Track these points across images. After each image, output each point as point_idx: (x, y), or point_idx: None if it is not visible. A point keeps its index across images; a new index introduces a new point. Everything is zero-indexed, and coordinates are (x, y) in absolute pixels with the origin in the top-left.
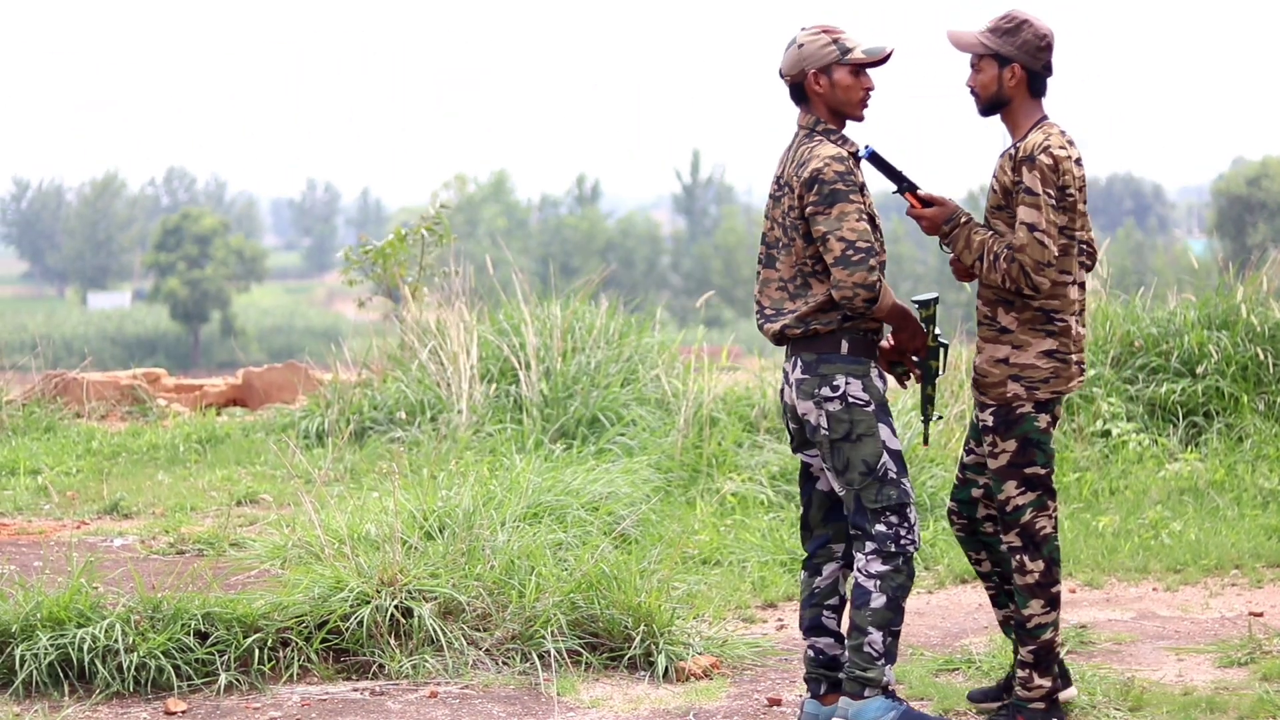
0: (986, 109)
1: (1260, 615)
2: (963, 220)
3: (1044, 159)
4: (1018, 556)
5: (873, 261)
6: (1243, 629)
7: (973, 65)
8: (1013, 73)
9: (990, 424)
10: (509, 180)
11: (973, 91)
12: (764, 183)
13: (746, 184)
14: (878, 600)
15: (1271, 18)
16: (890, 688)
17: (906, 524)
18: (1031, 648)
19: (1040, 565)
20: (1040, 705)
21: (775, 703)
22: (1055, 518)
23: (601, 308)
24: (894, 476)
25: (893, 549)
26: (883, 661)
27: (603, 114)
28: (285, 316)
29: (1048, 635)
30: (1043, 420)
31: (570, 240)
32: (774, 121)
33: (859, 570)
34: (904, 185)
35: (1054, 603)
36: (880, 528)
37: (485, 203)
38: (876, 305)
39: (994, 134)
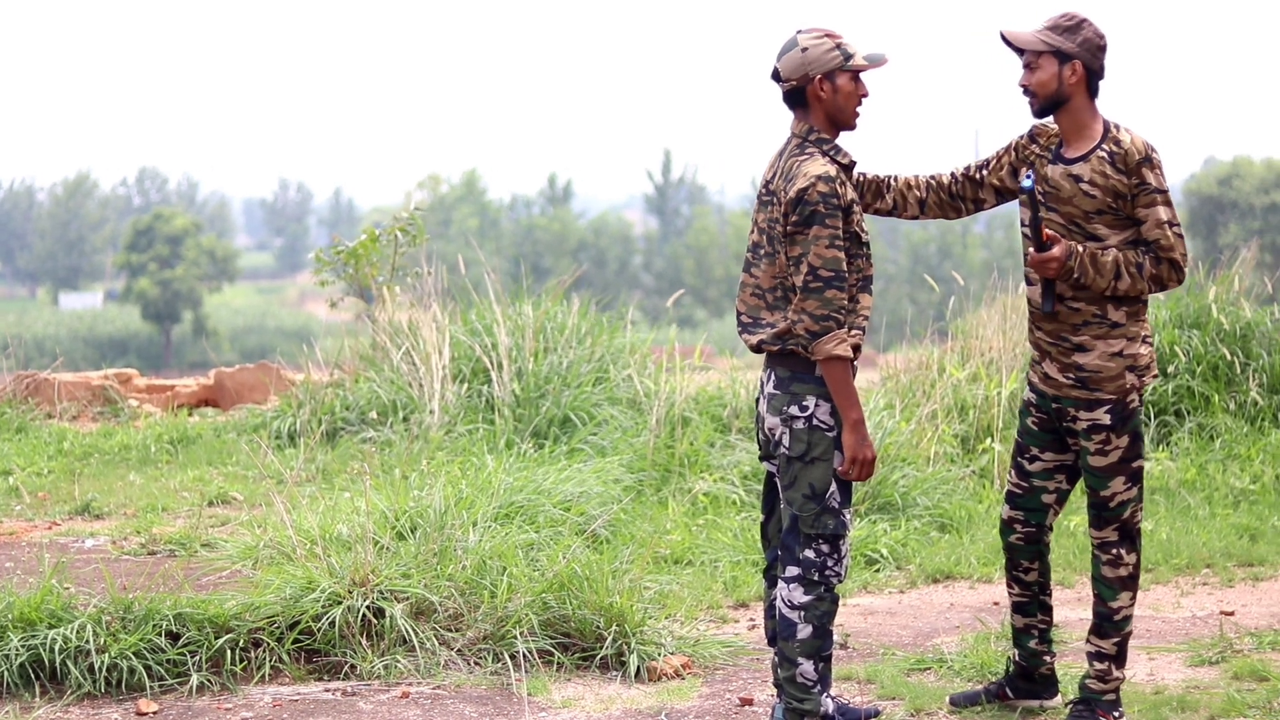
0: (1044, 108)
1: (1231, 614)
2: (1080, 250)
3: (1157, 157)
4: (1113, 550)
5: (829, 294)
6: (1214, 628)
7: (1028, 65)
8: (1073, 70)
9: (1106, 422)
10: (481, 180)
11: (1027, 91)
12: (736, 183)
13: (719, 184)
14: (804, 631)
15: (1242, 19)
16: (828, 714)
17: (836, 555)
18: (1115, 639)
19: (1134, 558)
20: (1113, 697)
21: (747, 702)
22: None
23: (573, 308)
24: (836, 506)
25: (816, 578)
26: (818, 689)
27: (575, 114)
28: (257, 317)
29: (1130, 628)
30: (1141, 411)
31: (542, 240)
32: (746, 122)
33: (783, 599)
34: (1040, 216)
35: (1136, 594)
36: (809, 553)
37: (458, 203)
38: (815, 342)
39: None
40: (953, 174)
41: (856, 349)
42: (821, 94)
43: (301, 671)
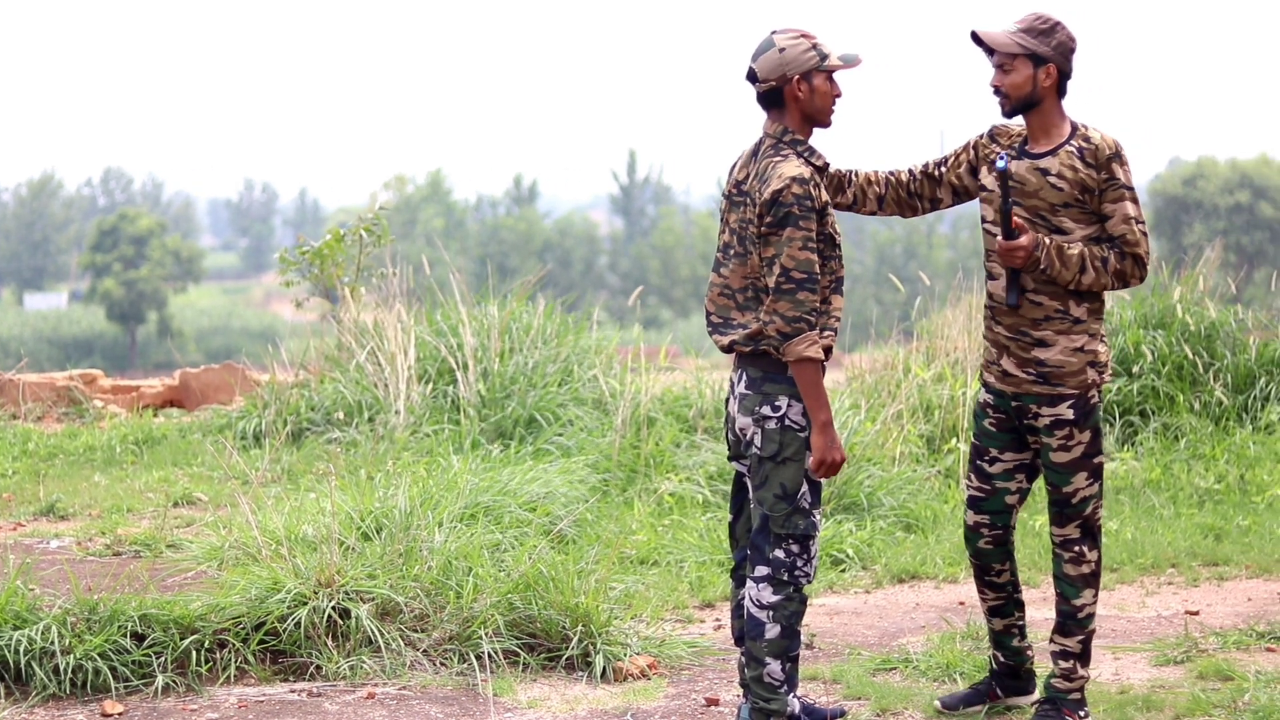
0: (1015, 109)
1: (1196, 614)
2: (1047, 242)
3: (1125, 154)
4: (1076, 548)
5: (801, 295)
6: (1179, 628)
7: (1001, 66)
8: (1048, 73)
9: (1069, 416)
10: (447, 180)
11: (999, 92)
12: (702, 183)
13: (684, 184)
14: (772, 630)
15: (1206, 20)
16: (795, 715)
17: (806, 555)
18: (1080, 638)
19: (1096, 555)
20: (1078, 695)
21: (713, 703)
22: None
23: (539, 308)
24: (807, 507)
25: (785, 578)
26: (785, 689)
27: (540, 114)
28: (222, 317)
29: (1093, 625)
30: (1100, 407)
31: (507, 240)
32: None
33: (751, 599)
34: (1011, 204)
35: (1099, 592)
36: (779, 553)
37: (423, 203)
38: (786, 344)
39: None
40: (911, 171)
41: (828, 350)
42: (799, 94)
43: (267, 672)
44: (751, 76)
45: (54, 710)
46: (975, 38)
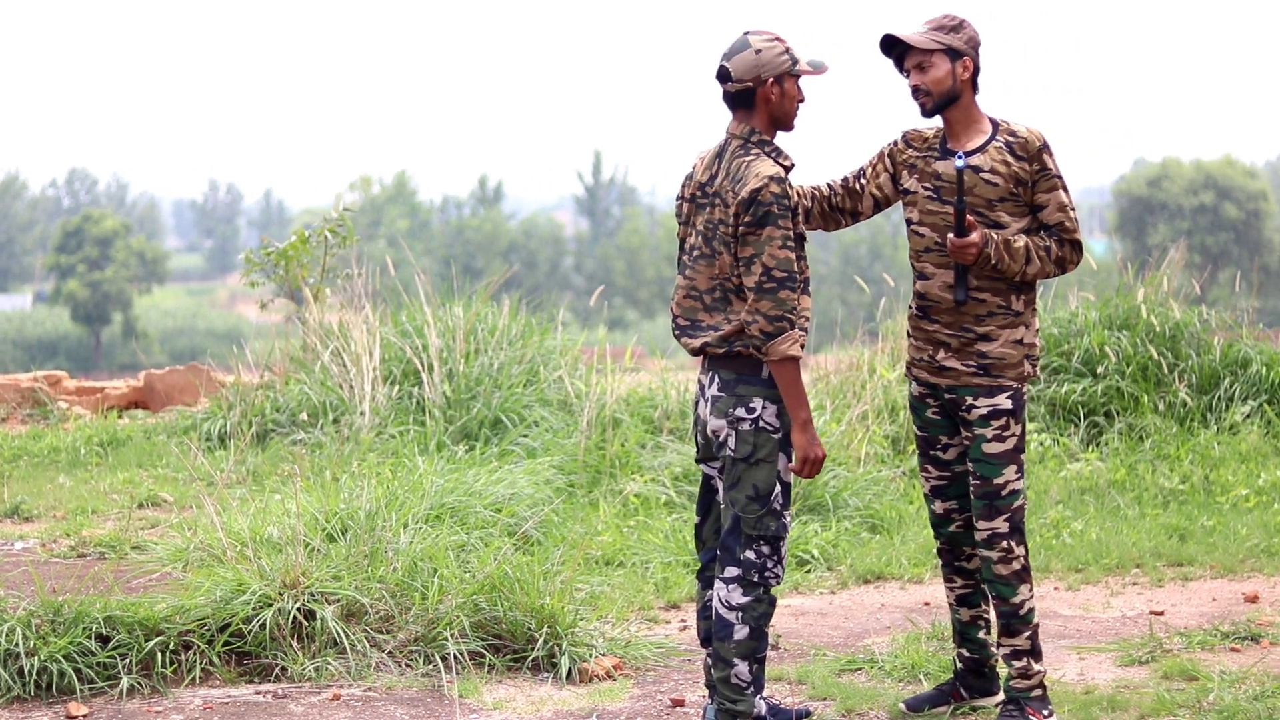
0: (937, 107)
1: (1161, 614)
2: (995, 237)
3: (1050, 144)
4: (1005, 542)
5: (783, 294)
6: (1144, 628)
7: (917, 66)
8: (965, 66)
9: (1008, 406)
10: (412, 181)
11: (920, 92)
12: (667, 184)
13: (649, 185)
14: (740, 632)
15: (1170, 20)
16: (761, 715)
17: (776, 557)
18: (1026, 634)
19: (1023, 550)
20: (1040, 692)
21: (679, 704)
22: None
23: (504, 309)
24: (778, 508)
25: (755, 579)
26: (751, 691)
27: (505, 115)
28: (187, 318)
29: (1036, 619)
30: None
31: (473, 241)
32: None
33: (720, 600)
34: (964, 202)
35: (1033, 585)
36: (749, 554)
37: (388, 204)
38: (769, 343)
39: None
40: (831, 186)
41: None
42: (771, 96)
43: (232, 674)
44: (724, 75)
45: (18, 712)
46: (888, 42)
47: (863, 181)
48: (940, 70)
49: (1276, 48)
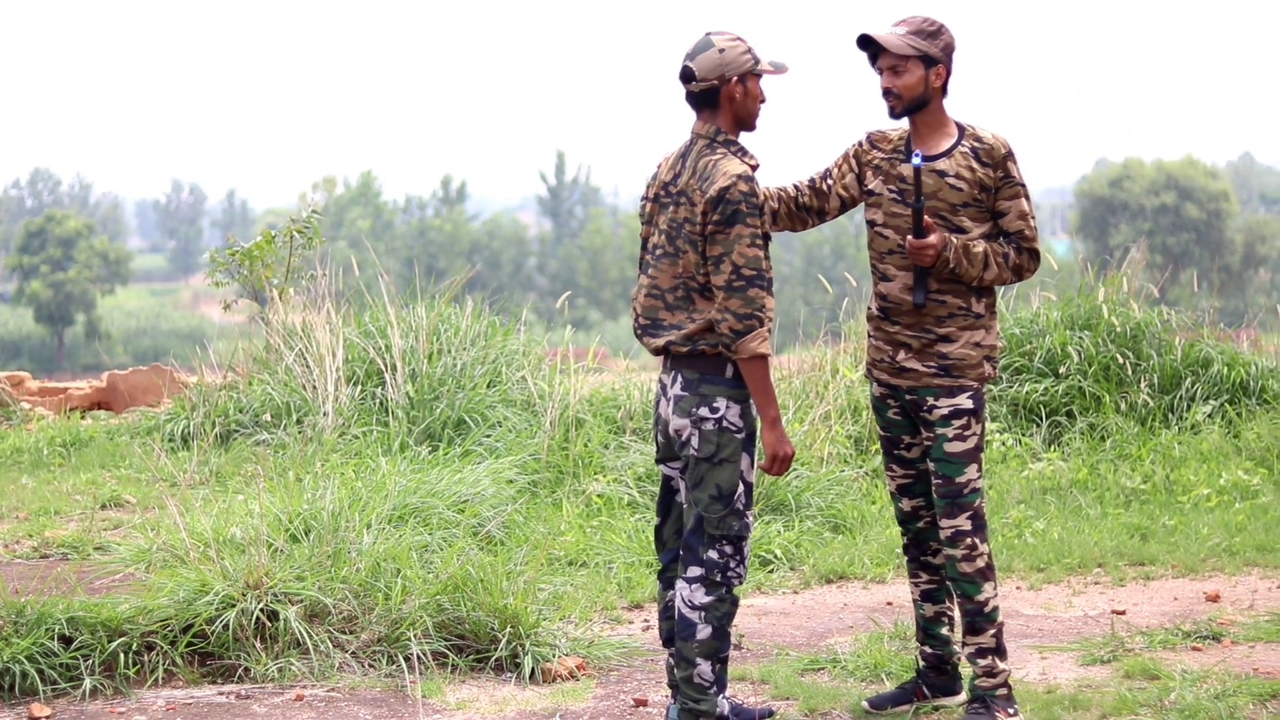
0: (905, 111)
1: (1123, 613)
2: (954, 241)
3: (1014, 152)
4: (968, 540)
5: (752, 292)
6: (1105, 627)
7: (891, 68)
8: (938, 74)
9: (969, 406)
10: (377, 181)
11: (890, 94)
12: (630, 184)
13: (612, 185)
14: (703, 631)
15: (1132, 20)
16: (724, 715)
17: (739, 557)
18: (991, 632)
19: (987, 547)
20: (1005, 691)
21: (641, 703)
22: None
23: (467, 309)
24: (741, 508)
25: (718, 579)
26: (714, 690)
27: (469, 115)
28: (150, 319)
29: (1000, 617)
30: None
31: (435, 242)
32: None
33: (683, 599)
34: (922, 202)
35: (997, 582)
36: (712, 554)
37: (350, 204)
38: (738, 341)
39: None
40: (796, 186)
41: None
42: (735, 96)
43: (195, 675)
44: (687, 75)
45: None
46: (864, 40)
47: (829, 182)
48: (913, 77)
49: (1237, 49)
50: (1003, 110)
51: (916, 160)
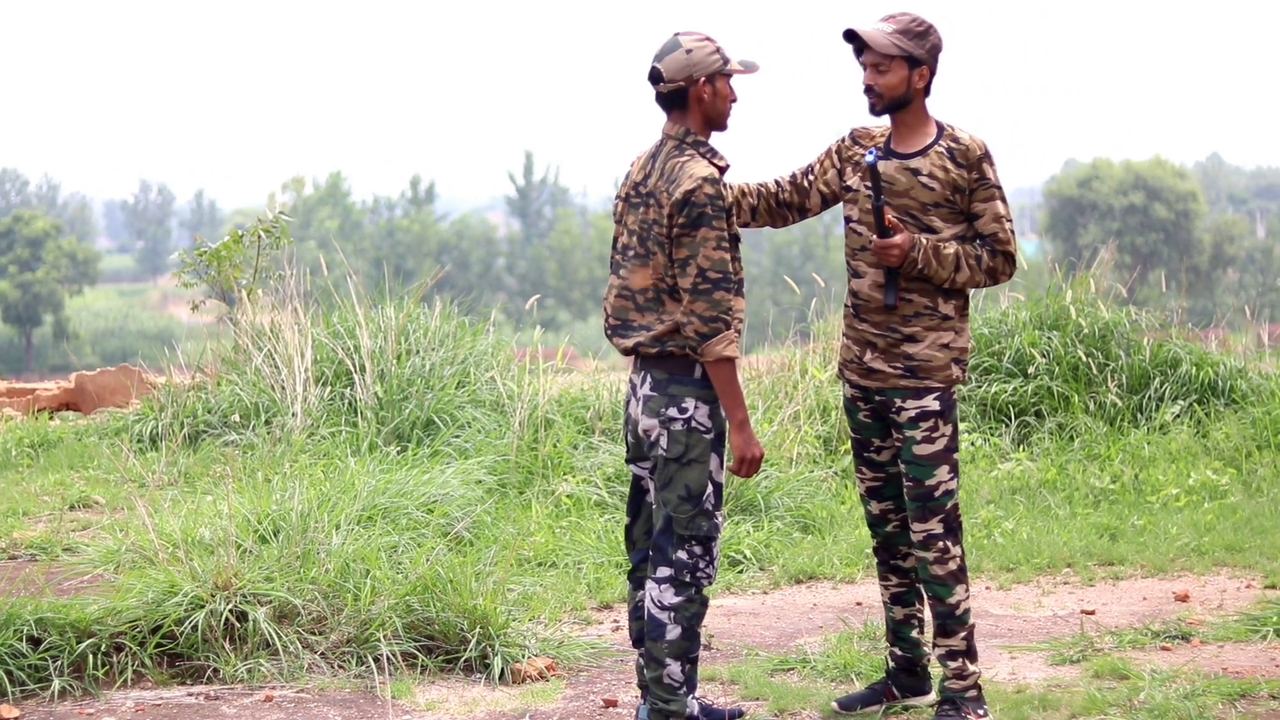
0: (886, 109)
1: (1092, 613)
2: (923, 241)
3: (992, 154)
4: (940, 543)
5: (718, 295)
6: (1075, 627)
7: (874, 65)
8: (921, 75)
9: (935, 408)
10: (345, 182)
11: (872, 91)
12: (599, 184)
13: (581, 185)
14: (673, 632)
15: (1100, 21)
16: (693, 715)
17: (708, 557)
18: (962, 634)
19: (959, 550)
20: (975, 693)
21: (611, 704)
22: None
23: (436, 310)
24: (710, 509)
25: (687, 579)
26: (684, 691)
27: (437, 115)
28: (119, 320)
29: (972, 620)
30: (957, 402)
31: (404, 242)
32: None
33: (652, 600)
34: (882, 200)
35: (969, 585)
36: (681, 554)
37: (318, 205)
38: (704, 344)
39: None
40: (779, 182)
41: None
42: (703, 96)
43: (164, 676)
44: (655, 77)
45: None
46: (850, 35)
47: (810, 178)
48: (896, 76)
49: (1205, 50)
50: (972, 109)
51: (870, 157)
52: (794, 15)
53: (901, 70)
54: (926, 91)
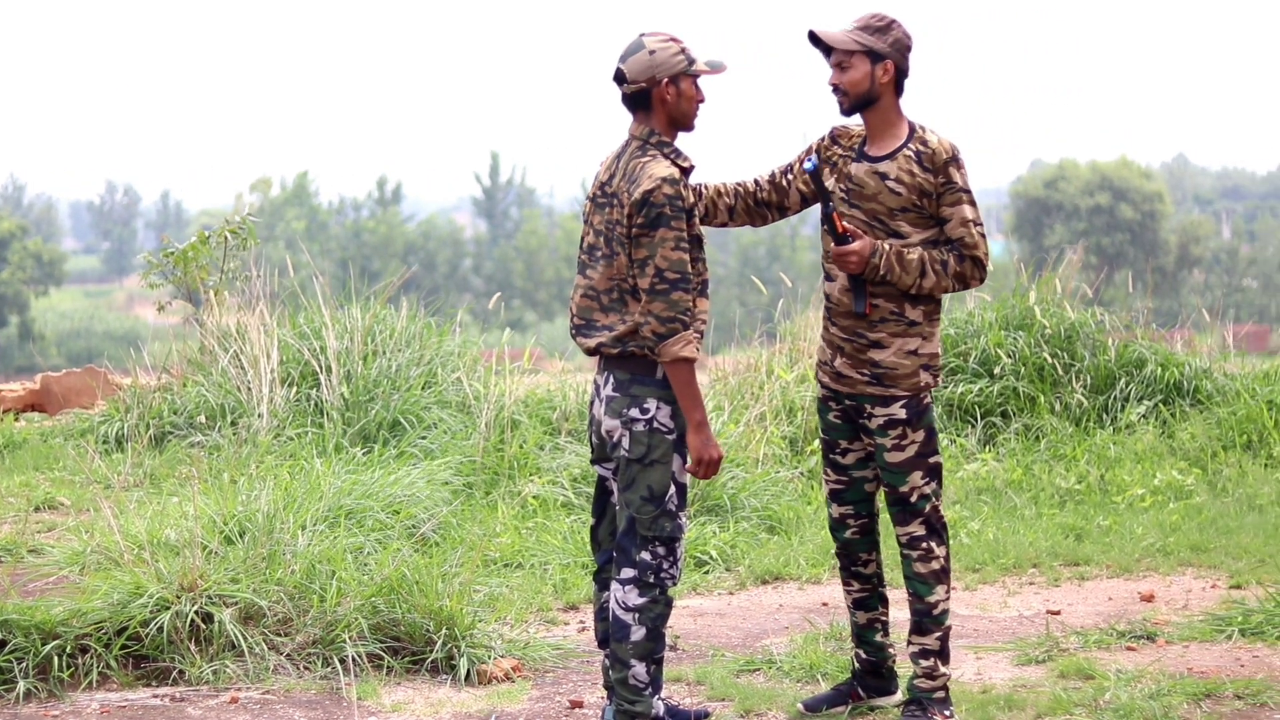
0: (854, 107)
1: (1058, 613)
2: (885, 247)
3: (962, 157)
4: (924, 545)
5: (675, 295)
6: (1040, 627)
7: (839, 64)
8: (885, 70)
9: (902, 416)
10: (313, 183)
11: (838, 90)
12: (566, 185)
13: (548, 186)
14: (638, 633)
15: (1066, 22)
16: (659, 716)
17: (672, 558)
18: (937, 634)
19: (944, 550)
20: (943, 694)
21: (577, 705)
22: None
23: (402, 311)
24: (673, 509)
25: (651, 580)
26: (649, 692)
27: (404, 116)
28: (84, 321)
29: (949, 621)
30: (934, 407)
31: (370, 243)
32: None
33: (617, 601)
34: (831, 206)
35: (950, 587)
36: (645, 555)
37: (284, 206)
38: (661, 344)
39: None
40: (757, 181)
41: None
42: (666, 97)
43: (129, 678)
44: (620, 78)
45: None
46: (813, 38)
47: (790, 177)
48: (858, 72)
49: (1171, 50)
50: (939, 110)
51: (809, 165)
52: (773, 15)
53: (864, 65)
54: (899, 91)
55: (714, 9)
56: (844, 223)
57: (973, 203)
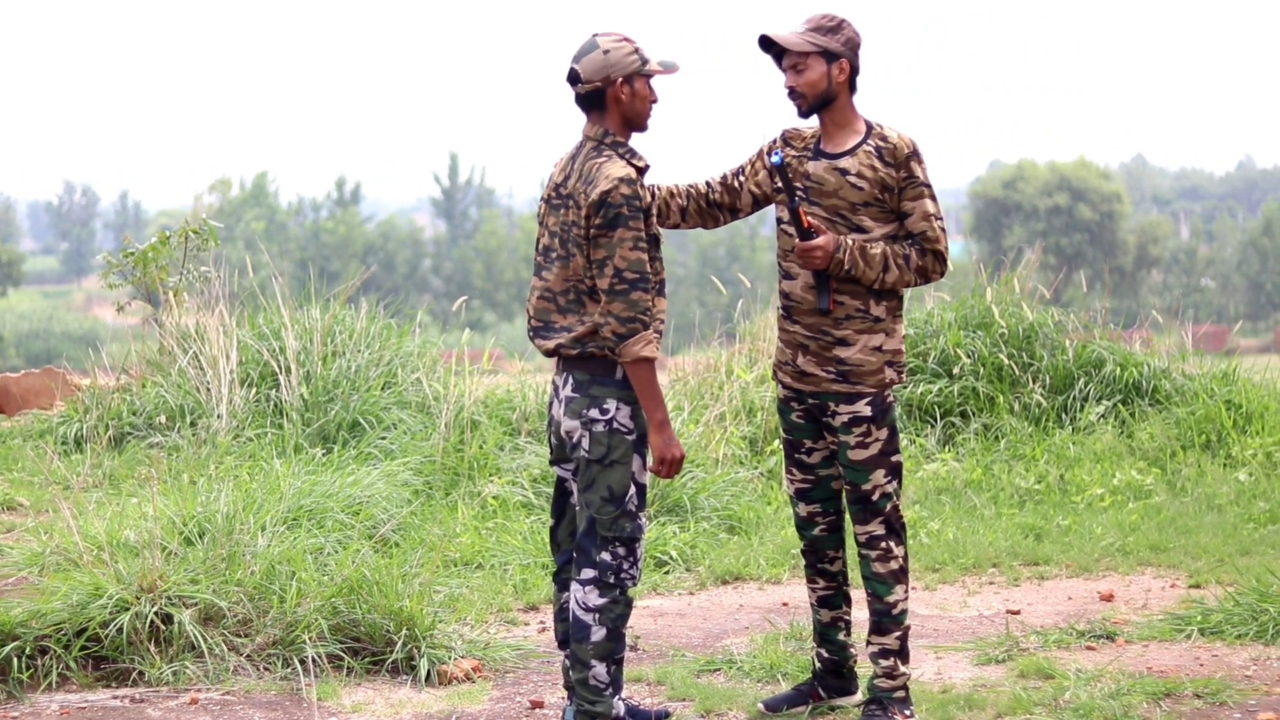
0: (812, 108)
1: (1017, 613)
2: (849, 243)
3: (922, 152)
4: (883, 544)
5: (634, 295)
6: (1000, 627)
7: (793, 67)
8: (840, 69)
9: (867, 413)
10: (272, 183)
11: (795, 93)
12: (525, 185)
13: (507, 187)
14: (598, 634)
15: (1024, 22)
16: (619, 716)
17: (632, 558)
18: (896, 634)
19: (903, 550)
20: (903, 694)
21: (538, 705)
22: None
23: (362, 311)
24: (633, 510)
25: (611, 580)
26: (609, 692)
27: (363, 116)
28: (43, 321)
29: (908, 621)
30: (896, 405)
31: (329, 244)
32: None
33: (577, 602)
34: (796, 201)
35: (909, 586)
36: (605, 556)
37: (243, 206)
38: (622, 344)
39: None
40: (709, 183)
41: None
42: (621, 97)
43: (89, 679)
44: (573, 78)
45: None
46: (765, 42)
47: (741, 179)
48: (815, 73)
49: (1129, 50)
50: (898, 110)
51: (775, 158)
52: (723, 17)
53: (820, 66)
54: (852, 89)
55: (667, 10)
56: (809, 218)
57: (933, 197)
